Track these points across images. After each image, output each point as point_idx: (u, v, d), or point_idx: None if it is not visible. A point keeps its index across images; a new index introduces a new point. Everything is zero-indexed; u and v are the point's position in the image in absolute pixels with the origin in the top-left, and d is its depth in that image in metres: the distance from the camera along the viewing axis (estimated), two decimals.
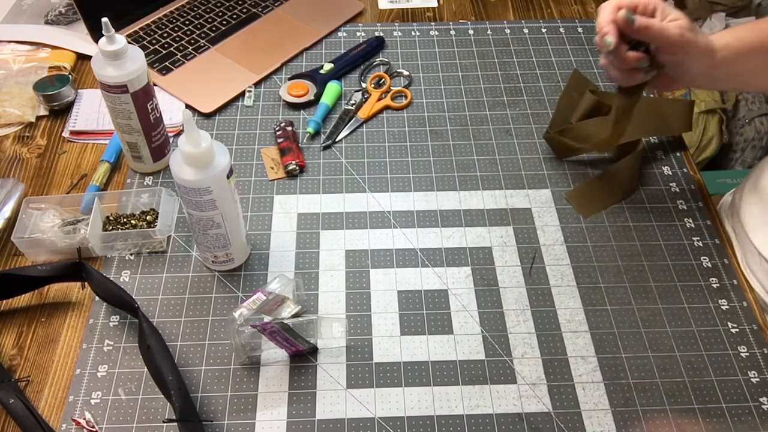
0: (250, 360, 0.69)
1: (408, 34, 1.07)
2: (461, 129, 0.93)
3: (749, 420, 0.66)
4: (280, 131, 0.90)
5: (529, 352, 0.70)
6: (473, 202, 0.84)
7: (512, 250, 0.79)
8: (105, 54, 0.74)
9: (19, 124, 0.93)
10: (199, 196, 0.67)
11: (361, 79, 0.99)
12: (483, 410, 0.66)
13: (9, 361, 0.70)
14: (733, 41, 0.70)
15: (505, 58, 1.03)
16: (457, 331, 0.72)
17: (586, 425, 0.65)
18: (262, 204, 0.83)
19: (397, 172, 0.87)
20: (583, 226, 0.81)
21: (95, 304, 0.74)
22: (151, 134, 0.82)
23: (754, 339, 0.71)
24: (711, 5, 2.03)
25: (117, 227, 0.78)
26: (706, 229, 0.81)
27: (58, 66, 1.00)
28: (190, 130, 0.63)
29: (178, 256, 0.78)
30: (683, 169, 0.88)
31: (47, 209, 0.79)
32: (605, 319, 0.73)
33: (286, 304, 0.69)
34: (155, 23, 1.05)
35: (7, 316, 0.73)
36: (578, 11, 1.12)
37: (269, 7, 1.09)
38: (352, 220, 0.82)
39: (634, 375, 0.69)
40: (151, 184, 0.86)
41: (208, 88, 0.96)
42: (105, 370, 0.68)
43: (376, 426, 0.65)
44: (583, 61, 1.02)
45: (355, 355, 0.70)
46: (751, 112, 1.71)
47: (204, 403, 0.66)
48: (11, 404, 0.64)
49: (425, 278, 0.76)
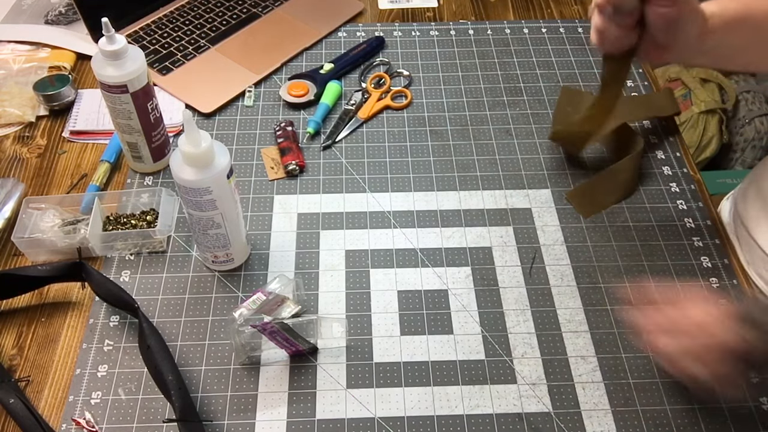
0: (250, 360, 0.69)
1: (408, 34, 1.07)
2: (461, 129, 0.93)
3: (749, 420, 0.66)
4: (280, 131, 0.90)
5: (529, 352, 0.70)
6: (473, 202, 0.84)
7: (512, 250, 0.79)
8: (105, 54, 0.74)
9: (19, 124, 0.93)
10: (199, 196, 0.67)
11: (361, 79, 0.99)
12: (483, 410, 0.66)
13: (9, 361, 0.70)
14: (719, 11, 0.68)
15: (505, 58, 1.03)
16: (457, 331, 0.72)
17: (586, 425, 0.65)
18: (262, 204, 0.83)
19: (397, 172, 0.87)
20: (583, 226, 0.81)
21: (95, 304, 0.74)
22: (151, 134, 0.82)
23: None
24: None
25: (117, 227, 0.78)
26: (706, 229, 0.81)
27: (58, 66, 1.00)
28: (190, 130, 0.63)
29: (178, 256, 0.78)
30: (683, 169, 0.88)
31: (47, 209, 0.79)
32: (605, 319, 0.73)
33: (286, 304, 0.68)
34: (155, 23, 1.05)
35: (7, 316, 0.73)
36: (578, 11, 1.12)
37: (269, 7, 1.09)
38: (352, 220, 0.82)
39: (634, 375, 0.69)
40: (151, 184, 0.86)
41: (208, 88, 0.96)
42: (105, 370, 0.68)
43: (376, 426, 0.65)
44: (583, 61, 1.02)
45: (355, 355, 0.70)
46: (751, 112, 1.71)
47: (204, 403, 0.66)
48: (11, 404, 0.64)
49: (425, 278, 0.76)
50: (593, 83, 0.98)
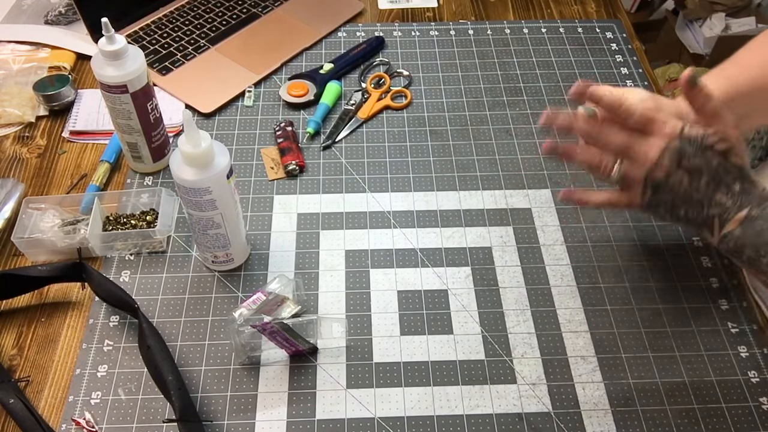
0: (250, 360, 0.69)
1: (408, 34, 1.07)
2: (461, 129, 0.93)
3: (749, 420, 0.66)
4: (280, 131, 0.90)
5: (529, 352, 0.70)
6: (473, 202, 0.84)
7: (512, 250, 0.79)
8: (105, 54, 0.74)
9: (19, 124, 0.93)
10: (199, 196, 0.67)
11: (361, 79, 0.99)
12: (483, 410, 0.66)
13: (9, 361, 0.70)
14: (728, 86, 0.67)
15: (505, 58, 1.03)
16: (457, 331, 0.72)
17: (586, 425, 0.65)
18: (262, 204, 0.83)
19: (397, 172, 0.87)
20: (583, 226, 0.81)
21: (95, 304, 0.74)
22: (151, 134, 0.82)
23: (754, 339, 0.71)
24: (711, 5, 2.03)
25: (117, 227, 0.78)
26: None
27: (58, 66, 1.00)
28: (190, 130, 0.63)
29: (178, 256, 0.78)
30: None
31: (47, 209, 0.79)
32: (605, 319, 0.73)
33: (286, 304, 0.69)
34: (155, 23, 1.05)
35: (7, 316, 0.73)
36: (578, 11, 1.12)
37: (269, 7, 1.09)
38: (352, 220, 0.82)
39: (634, 375, 0.69)
40: (151, 184, 0.86)
41: (208, 88, 0.96)
42: (105, 370, 0.68)
43: (376, 426, 0.65)
44: (583, 61, 1.02)
45: (355, 355, 0.70)
46: None
47: (204, 403, 0.66)
48: (11, 404, 0.64)
49: (425, 278, 0.76)
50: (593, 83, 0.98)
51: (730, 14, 2.03)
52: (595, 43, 1.05)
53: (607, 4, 1.14)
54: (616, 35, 1.07)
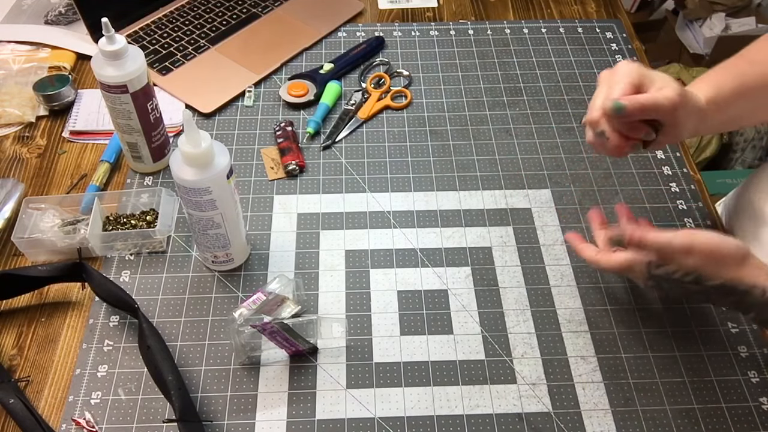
0: (250, 360, 0.69)
1: (408, 34, 1.07)
2: (461, 129, 0.93)
3: (749, 420, 0.66)
4: (280, 131, 0.90)
5: (529, 352, 0.70)
6: (473, 202, 0.84)
7: (512, 250, 0.79)
8: (105, 54, 0.74)
9: (19, 124, 0.93)
10: (199, 196, 0.67)
11: (361, 79, 0.99)
12: (483, 410, 0.66)
13: (9, 361, 0.70)
14: (714, 93, 0.68)
15: (505, 58, 1.03)
16: (457, 331, 0.72)
17: (586, 425, 0.65)
18: (262, 204, 0.83)
19: (397, 172, 0.87)
20: (583, 226, 0.81)
21: (95, 304, 0.74)
22: (151, 134, 0.82)
23: (754, 339, 0.71)
24: (711, 5, 2.03)
25: (117, 227, 0.78)
26: (706, 229, 0.81)
27: (58, 66, 1.00)
28: (190, 130, 0.63)
29: (178, 256, 0.78)
30: (683, 169, 0.88)
31: (47, 209, 0.79)
32: (605, 319, 0.73)
33: (286, 304, 0.69)
34: (155, 23, 1.05)
35: (7, 316, 0.73)
36: (578, 11, 1.12)
37: (269, 7, 1.09)
38: (352, 220, 0.82)
39: (634, 375, 0.69)
40: (151, 184, 0.86)
41: (208, 88, 0.96)
42: (105, 370, 0.68)
43: (376, 426, 0.65)
44: (583, 61, 1.02)
45: (355, 355, 0.70)
46: None
47: (204, 403, 0.66)
48: (11, 404, 0.64)
49: (425, 278, 0.76)
50: (593, 83, 0.98)
51: (730, 14, 2.03)
52: (595, 43, 1.05)
53: (607, 4, 1.14)
54: (616, 35, 1.07)
